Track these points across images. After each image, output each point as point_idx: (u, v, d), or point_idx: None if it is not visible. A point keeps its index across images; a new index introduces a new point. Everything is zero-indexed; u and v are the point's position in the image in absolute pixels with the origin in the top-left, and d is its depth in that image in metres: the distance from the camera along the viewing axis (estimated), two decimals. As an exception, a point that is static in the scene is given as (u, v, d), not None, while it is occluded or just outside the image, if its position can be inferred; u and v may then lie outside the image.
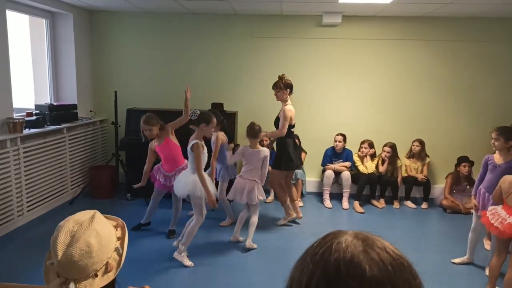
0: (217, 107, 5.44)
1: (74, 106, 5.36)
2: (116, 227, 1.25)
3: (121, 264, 1.18)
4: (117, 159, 5.41)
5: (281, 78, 4.46)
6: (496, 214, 3.10)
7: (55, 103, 5.19)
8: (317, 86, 5.80)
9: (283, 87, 4.43)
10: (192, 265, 3.59)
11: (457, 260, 3.77)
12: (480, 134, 5.54)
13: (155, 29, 5.85)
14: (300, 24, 5.69)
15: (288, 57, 5.79)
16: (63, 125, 5.00)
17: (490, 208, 3.24)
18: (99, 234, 1.13)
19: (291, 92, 4.50)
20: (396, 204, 5.44)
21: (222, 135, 4.39)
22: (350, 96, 5.80)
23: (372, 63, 5.70)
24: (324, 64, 5.75)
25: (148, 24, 5.85)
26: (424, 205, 5.44)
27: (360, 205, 5.31)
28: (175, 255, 3.60)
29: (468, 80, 5.64)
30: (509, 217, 3.00)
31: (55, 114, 4.93)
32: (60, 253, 1.09)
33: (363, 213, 5.16)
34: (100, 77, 6.00)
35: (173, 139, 4.11)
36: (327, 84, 5.82)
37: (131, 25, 5.87)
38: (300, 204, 5.46)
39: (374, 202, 5.50)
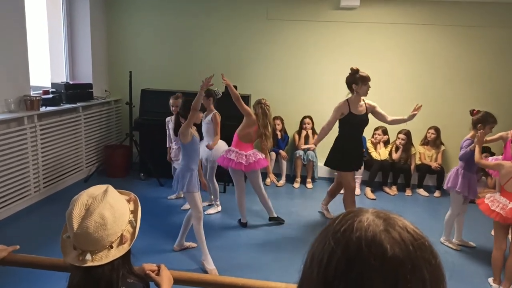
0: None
1: (89, 86, 5.41)
2: (128, 201, 1.27)
3: (135, 236, 1.20)
4: (131, 139, 5.47)
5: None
6: (496, 201, 3.12)
7: (71, 82, 5.24)
8: (333, 69, 5.72)
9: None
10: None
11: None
12: (502, 124, 5.42)
13: (170, 8, 5.82)
14: (317, 7, 5.58)
15: (304, 40, 5.71)
16: (78, 104, 5.06)
17: (487, 195, 3.25)
18: (112, 207, 1.15)
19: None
20: (408, 192, 5.41)
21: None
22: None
23: (390, 47, 5.59)
24: (341, 48, 5.66)
25: (164, 4, 5.81)
26: (437, 194, 5.39)
27: (372, 191, 5.29)
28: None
29: (486, 67, 5.50)
30: (509, 202, 3.03)
31: (71, 93, 4.99)
32: (75, 226, 1.12)
33: (375, 199, 5.15)
34: (115, 57, 6.02)
35: None
36: (343, 68, 5.69)
37: (147, 5, 5.84)
38: (310, 186, 5.49)
39: (386, 189, 5.47)
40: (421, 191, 5.43)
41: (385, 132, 5.50)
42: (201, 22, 5.82)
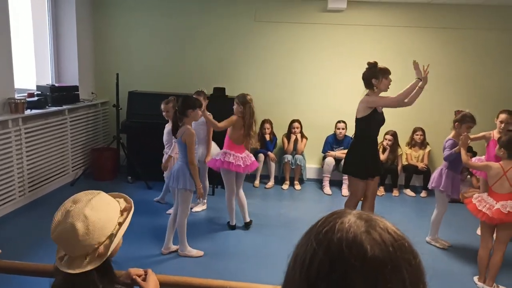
0: (219, 91, 5.42)
1: (75, 88, 5.34)
2: (123, 211, 1.24)
3: (109, 251, 1.16)
4: (118, 141, 5.42)
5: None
6: (483, 201, 3.16)
7: (56, 84, 5.17)
8: (320, 72, 5.76)
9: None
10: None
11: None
12: (482, 123, 5.51)
13: (159, 9, 5.79)
14: (305, 9, 5.62)
15: (292, 43, 5.74)
16: (64, 107, 4.99)
17: (475, 195, 3.30)
18: (88, 218, 1.12)
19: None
20: (395, 192, 5.47)
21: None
22: (354, 83, 5.74)
23: (377, 49, 5.65)
24: (328, 50, 5.70)
25: (152, 4, 5.79)
26: (423, 194, 5.46)
27: (360, 192, 5.32)
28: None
29: (470, 68, 5.60)
30: (496, 203, 3.06)
31: (57, 95, 4.92)
32: (52, 230, 1.13)
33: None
34: (102, 59, 5.96)
35: None
36: (330, 70, 5.78)
37: (136, 6, 5.81)
38: (298, 187, 5.51)
39: (374, 189, 5.52)
40: (408, 191, 5.50)
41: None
42: (190, 23, 5.80)
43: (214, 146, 4.48)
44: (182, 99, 3.44)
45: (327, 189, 5.44)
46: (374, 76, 3.46)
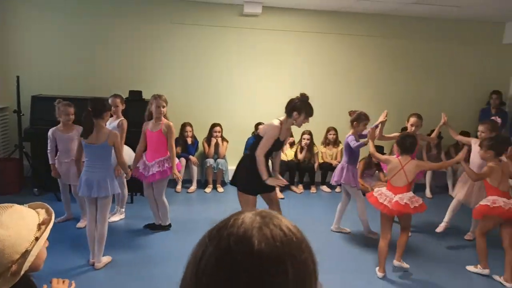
0: (135, 94, 5.21)
1: (-34, 92, 4.73)
2: (41, 224, 1.14)
3: (23, 269, 1.07)
4: (21, 151, 4.91)
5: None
6: (383, 194, 3.43)
7: None
8: (238, 75, 5.84)
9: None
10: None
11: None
12: (390, 124, 6.05)
13: (67, 10, 5.39)
14: (221, 13, 5.65)
15: (209, 46, 5.73)
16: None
17: (376, 190, 3.57)
18: None
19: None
20: (313, 189, 5.75)
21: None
22: (272, 85, 5.94)
23: (292, 54, 5.89)
24: (246, 54, 5.80)
25: (59, 4, 5.35)
26: (338, 189, 5.81)
27: (280, 191, 5.50)
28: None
29: (377, 72, 6.11)
30: (394, 196, 3.35)
31: None
32: None
33: (283, 198, 5.36)
34: (0, 61, 5.36)
35: None
36: (248, 73, 5.88)
37: (40, 5, 5.32)
38: (221, 190, 5.52)
39: (293, 187, 5.75)
40: (324, 188, 5.82)
41: (291, 134, 5.77)
42: (101, 24, 5.48)
43: (127, 150, 4.25)
44: (95, 102, 3.25)
45: None
46: (299, 110, 3.39)
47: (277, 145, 3.51)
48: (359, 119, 4.02)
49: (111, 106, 3.69)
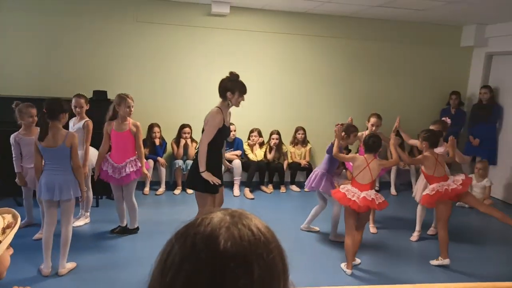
0: (100, 94, 5.07)
1: None
2: (6, 228, 1.11)
3: None
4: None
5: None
6: (350, 191, 3.52)
7: None
8: (206, 75, 5.78)
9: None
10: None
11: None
12: (354, 123, 6.20)
13: (24, 7, 5.15)
14: (189, 12, 5.59)
15: (176, 45, 5.65)
16: None
17: (342, 186, 3.68)
18: None
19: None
20: (282, 189, 5.80)
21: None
22: (239, 86, 5.93)
23: (261, 54, 5.92)
24: (214, 54, 5.76)
25: (13, 1, 5.11)
26: (307, 188, 5.89)
27: (250, 191, 5.52)
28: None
29: (345, 73, 6.24)
30: (361, 192, 3.47)
31: None
32: None
33: (253, 199, 5.38)
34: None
35: None
36: (216, 73, 5.81)
37: (-9, -1, 5.06)
38: (190, 191, 5.45)
39: (263, 187, 5.77)
40: (294, 187, 5.89)
41: (260, 134, 5.79)
42: (63, 22, 5.28)
43: (94, 152, 4.12)
44: (51, 102, 3.12)
45: (236, 191, 5.50)
46: (232, 89, 3.28)
47: (225, 132, 3.38)
48: (347, 130, 4.01)
49: (70, 107, 3.54)
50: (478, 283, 1.85)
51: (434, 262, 3.71)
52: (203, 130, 3.32)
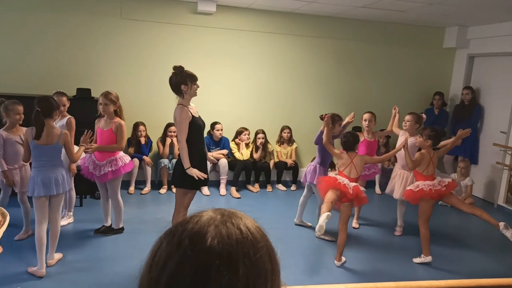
0: (84, 92, 4.99)
1: None
2: None
3: None
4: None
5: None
6: (340, 178, 3.61)
7: None
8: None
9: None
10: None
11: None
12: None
13: (6, 2, 5.03)
14: (175, 10, 5.55)
15: (162, 43, 5.61)
16: None
17: (331, 175, 3.78)
18: None
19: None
20: (269, 188, 5.81)
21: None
22: (226, 85, 5.93)
23: (246, 53, 5.91)
24: (200, 52, 5.74)
25: (-7, -6, 4.99)
26: (293, 187, 5.93)
27: (237, 190, 5.51)
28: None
29: (329, 73, 6.29)
30: (350, 182, 3.58)
31: None
32: None
33: (240, 198, 5.38)
34: None
35: None
36: (202, 72, 5.77)
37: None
38: (163, 191, 5.42)
39: (250, 187, 5.78)
40: (280, 186, 5.91)
41: (248, 134, 5.79)
42: (44, 19, 5.18)
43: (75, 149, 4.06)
44: (44, 100, 3.14)
45: (205, 190, 5.47)
46: (183, 82, 3.27)
47: (198, 123, 3.34)
48: (333, 120, 4.06)
49: (59, 104, 3.52)
50: (461, 280, 1.89)
51: (416, 260, 3.78)
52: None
